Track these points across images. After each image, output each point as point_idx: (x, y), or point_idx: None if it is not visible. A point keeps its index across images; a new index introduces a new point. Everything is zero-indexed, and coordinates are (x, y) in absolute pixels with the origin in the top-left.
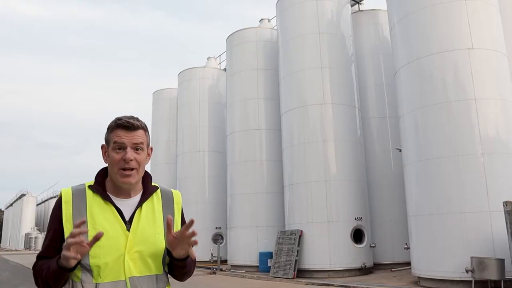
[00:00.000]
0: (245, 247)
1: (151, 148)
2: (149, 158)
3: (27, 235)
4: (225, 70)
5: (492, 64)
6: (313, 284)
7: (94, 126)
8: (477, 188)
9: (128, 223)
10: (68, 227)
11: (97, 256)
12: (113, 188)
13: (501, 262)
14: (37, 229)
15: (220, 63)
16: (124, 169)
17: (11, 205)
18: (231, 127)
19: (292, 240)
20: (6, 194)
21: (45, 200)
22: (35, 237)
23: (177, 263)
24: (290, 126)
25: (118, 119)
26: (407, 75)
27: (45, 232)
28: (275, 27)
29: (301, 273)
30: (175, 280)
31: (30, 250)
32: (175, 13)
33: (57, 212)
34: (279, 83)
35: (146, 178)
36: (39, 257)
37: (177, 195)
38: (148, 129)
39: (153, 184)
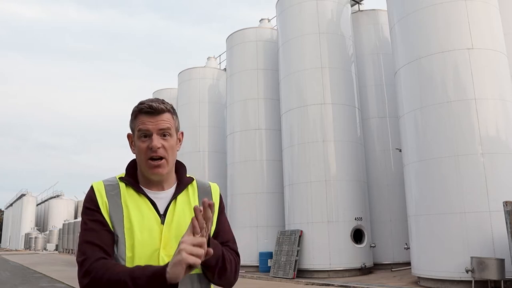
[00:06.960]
0: (245, 247)
1: (182, 133)
2: (180, 144)
3: (27, 235)
4: (225, 70)
5: (492, 64)
6: (313, 284)
7: (94, 127)
8: (477, 188)
9: (163, 216)
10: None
11: (132, 249)
12: (144, 180)
13: (501, 262)
14: (37, 229)
15: (220, 63)
16: (152, 159)
17: (11, 205)
18: (231, 127)
19: (292, 240)
20: (6, 194)
21: (45, 200)
22: (35, 237)
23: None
24: (290, 126)
25: (140, 103)
26: (407, 75)
27: (80, 232)
28: (275, 27)
29: (301, 273)
30: None
31: (30, 250)
32: (174, 14)
33: (94, 204)
34: (279, 83)
35: (180, 168)
36: (85, 259)
37: (215, 188)
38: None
39: (188, 175)
